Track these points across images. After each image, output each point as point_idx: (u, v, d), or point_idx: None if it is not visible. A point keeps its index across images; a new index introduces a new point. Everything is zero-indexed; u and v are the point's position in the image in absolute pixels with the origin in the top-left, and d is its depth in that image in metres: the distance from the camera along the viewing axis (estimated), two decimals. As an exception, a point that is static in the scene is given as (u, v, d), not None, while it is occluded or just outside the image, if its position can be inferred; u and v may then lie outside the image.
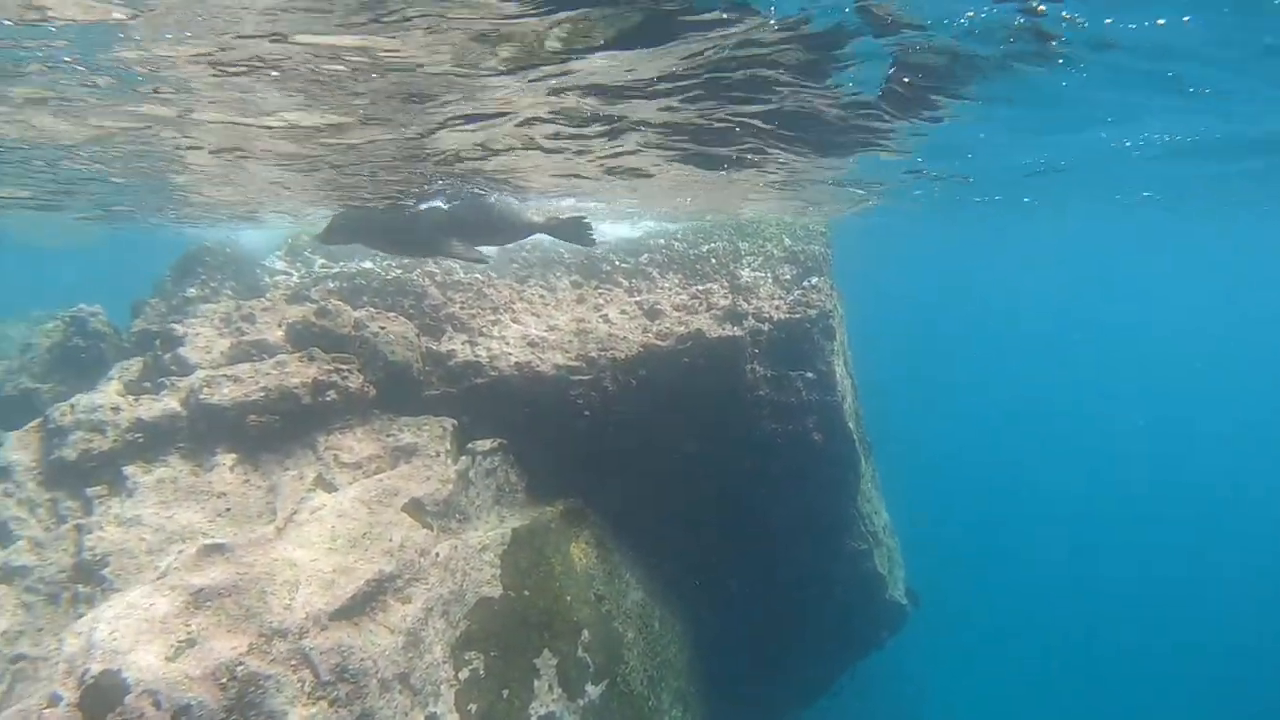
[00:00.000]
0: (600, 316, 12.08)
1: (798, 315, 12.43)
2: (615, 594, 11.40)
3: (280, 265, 13.21)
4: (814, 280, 13.26)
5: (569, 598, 10.55)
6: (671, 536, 12.24)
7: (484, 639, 9.36)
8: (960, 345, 74.77)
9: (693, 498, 12.18)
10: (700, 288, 12.83)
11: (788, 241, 14.38)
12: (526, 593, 10.06)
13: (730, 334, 11.73)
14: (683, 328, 11.63)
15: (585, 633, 10.52)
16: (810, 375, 12.54)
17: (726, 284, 13.07)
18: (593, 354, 11.25)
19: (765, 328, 12.12)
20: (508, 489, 11.01)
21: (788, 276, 13.67)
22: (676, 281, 13.51)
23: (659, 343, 11.49)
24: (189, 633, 7.21)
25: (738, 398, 12.14)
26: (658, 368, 11.50)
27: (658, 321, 12.00)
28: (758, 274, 13.41)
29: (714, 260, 13.80)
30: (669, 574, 12.39)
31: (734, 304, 12.20)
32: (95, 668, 6.73)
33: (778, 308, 12.46)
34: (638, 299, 12.75)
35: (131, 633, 7.06)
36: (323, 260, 13.35)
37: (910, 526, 17.81)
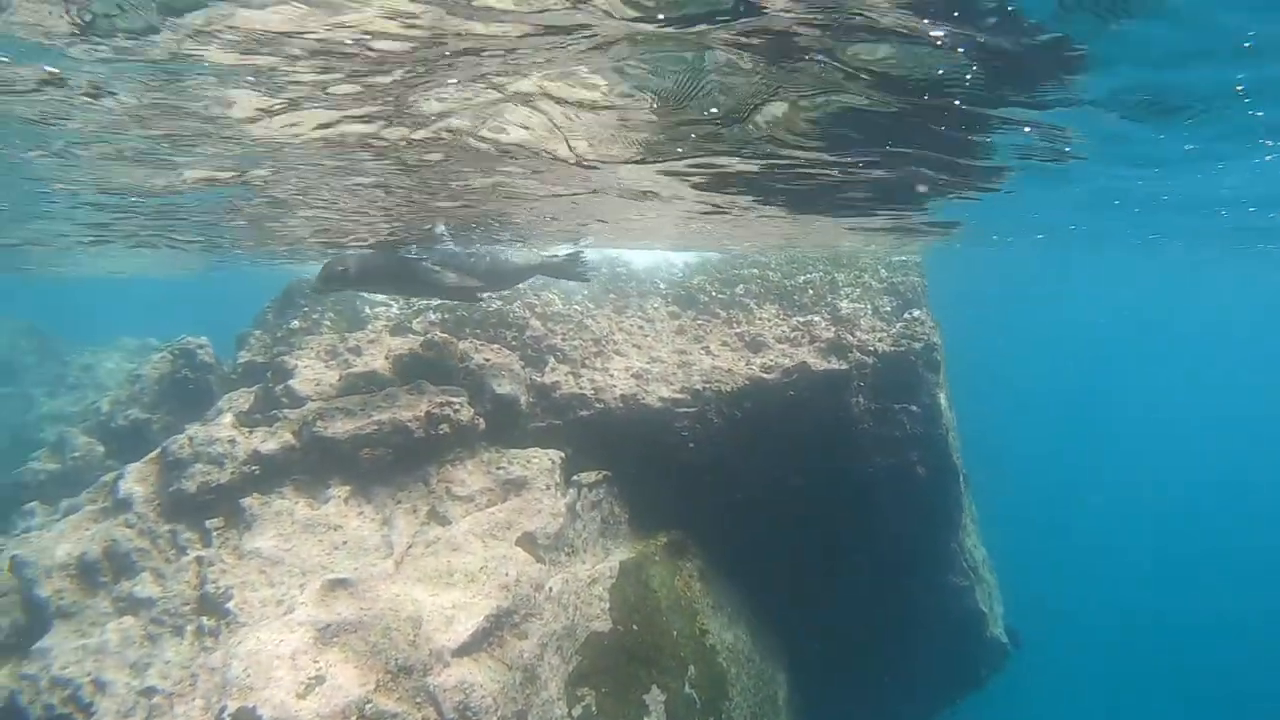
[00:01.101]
0: (702, 348, 11.95)
1: (902, 348, 12.15)
2: (718, 628, 11.18)
3: (380, 296, 13.35)
4: (916, 312, 12.98)
5: (675, 632, 10.36)
6: (772, 570, 12.01)
7: (595, 674, 9.21)
8: (1047, 369, 72.78)
9: (794, 531, 11.94)
10: (801, 319, 12.63)
11: (884, 273, 14.14)
12: (634, 627, 9.90)
13: (836, 367, 11.50)
14: (787, 360, 11.43)
15: (692, 669, 10.31)
16: (914, 408, 12.25)
17: (828, 316, 12.85)
18: (697, 386, 11.10)
19: (870, 360, 11.87)
20: (612, 521, 10.90)
21: (888, 308, 13.41)
22: (774, 313, 13.32)
23: (764, 375, 11.30)
24: (318, 669, 7.19)
25: (841, 431, 11.90)
26: (762, 400, 11.32)
27: (761, 354, 11.82)
28: (857, 305, 13.17)
29: (811, 291, 13.59)
30: (769, 609, 12.14)
31: (838, 336, 11.97)
32: (232, 705, 6.75)
33: (881, 340, 12.19)
34: (738, 330, 12.59)
35: (264, 670, 7.07)
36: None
37: (1003, 561, 17.25)
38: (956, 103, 6.77)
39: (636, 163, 8.52)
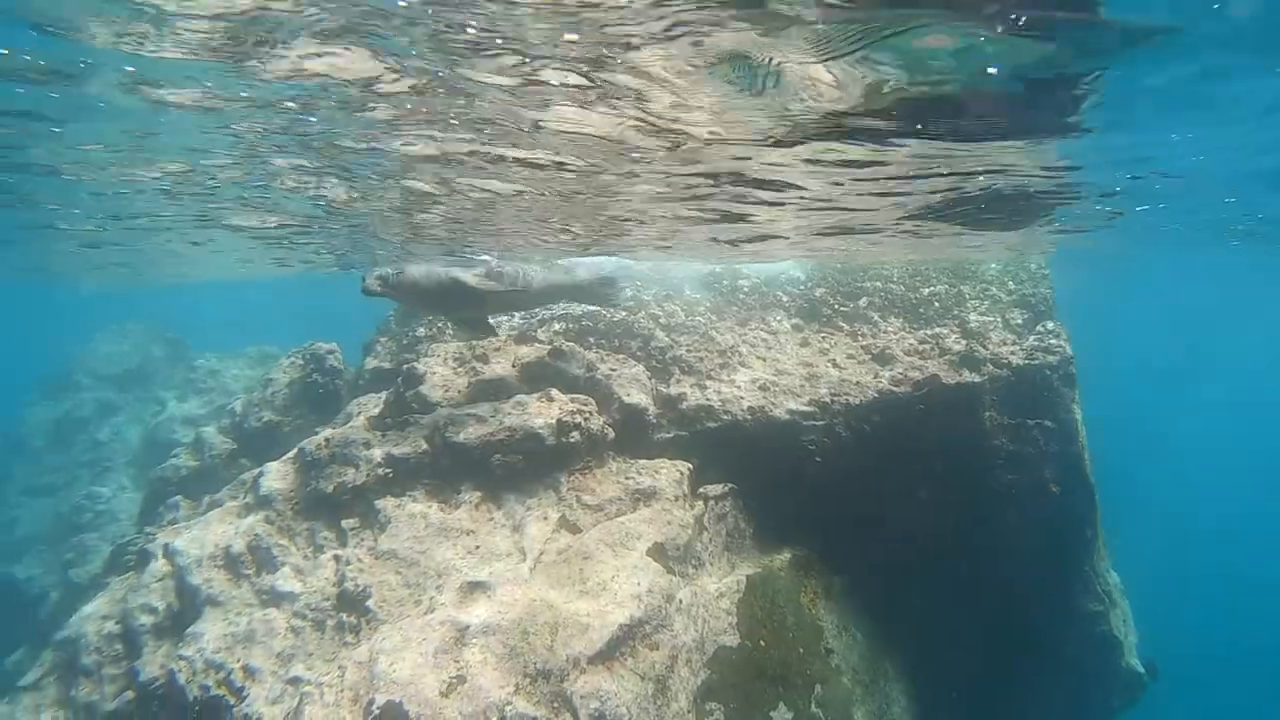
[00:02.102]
0: (828, 361, 11.76)
1: (1036, 361, 11.75)
2: (844, 647, 10.92)
3: (502, 304, 13.55)
4: (1049, 325, 12.52)
5: (802, 649, 10.16)
6: (897, 588, 11.68)
7: (723, 689, 9.08)
8: (1177, 382, 69.20)
9: (920, 549, 11.61)
10: (929, 332, 12.34)
11: (1012, 285, 13.70)
12: (762, 642, 9.74)
13: (968, 380, 11.18)
14: (917, 373, 11.16)
15: (818, 688, 10.08)
16: (1049, 424, 11.82)
17: (957, 328, 12.51)
18: (825, 399, 10.92)
19: (1003, 374, 11.52)
20: (737, 535, 10.79)
21: (1019, 321, 12.98)
22: (899, 325, 13.05)
23: (893, 388, 11.06)
24: (459, 669, 7.27)
25: (973, 446, 11.55)
26: (891, 414, 11.07)
27: (889, 367, 11.57)
28: (986, 318, 12.80)
29: (937, 304, 13.26)
30: (893, 629, 11.79)
31: (969, 349, 11.64)
32: (380, 699, 6.87)
33: (1014, 353, 11.81)
34: (863, 343, 12.36)
35: (409, 666, 7.19)
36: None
37: (1135, 587, 16.36)
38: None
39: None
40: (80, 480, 22.95)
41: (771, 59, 5.40)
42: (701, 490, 10.36)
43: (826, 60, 5.30)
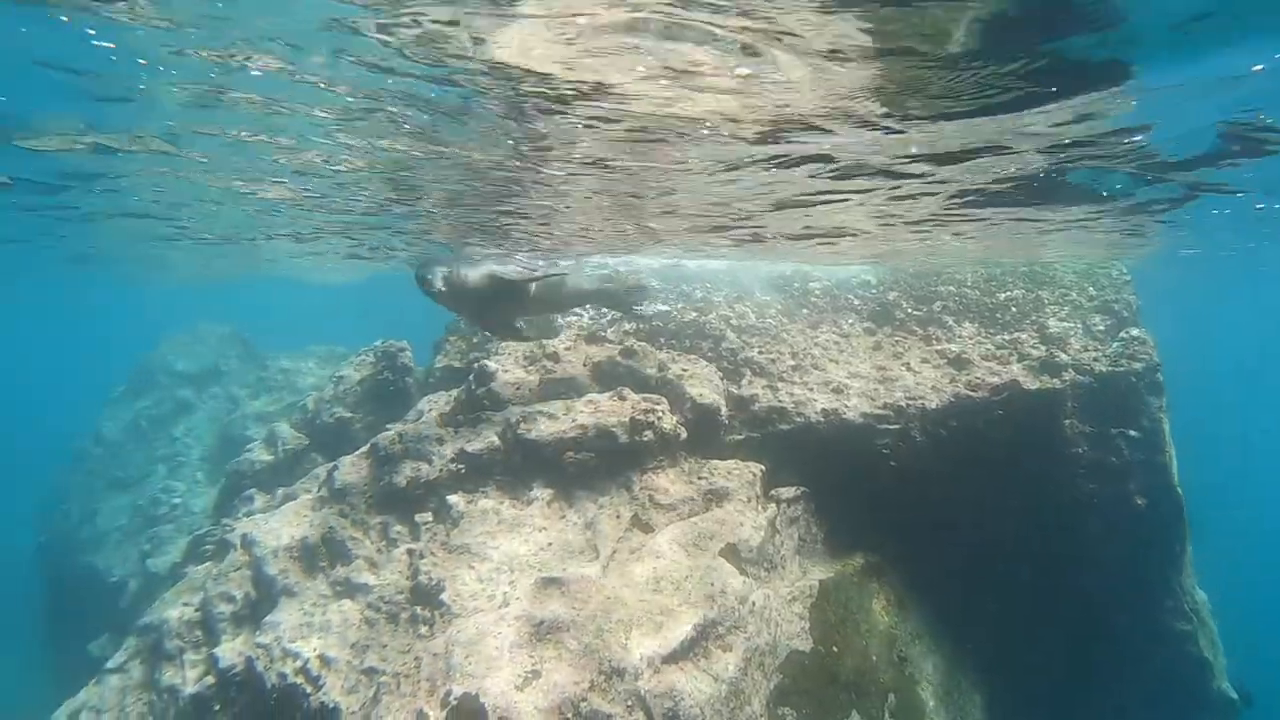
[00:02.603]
0: (902, 364, 11.54)
1: (1121, 368, 11.39)
2: (916, 657, 10.68)
3: (572, 304, 13.58)
4: (1135, 331, 12.12)
5: (874, 657, 9.96)
6: (972, 598, 11.39)
7: (796, 694, 8.93)
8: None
9: (996, 557, 11.32)
10: (1007, 337, 12.04)
11: (1092, 290, 13.32)
12: (834, 648, 9.57)
13: (1049, 386, 10.89)
14: (995, 378, 10.89)
15: (891, 697, 9.87)
16: (1134, 433, 11.45)
17: (1035, 334, 12.19)
18: (900, 403, 10.72)
19: (1085, 381, 11.20)
20: (808, 539, 10.63)
21: (1100, 327, 12.60)
22: (974, 330, 12.76)
23: (970, 393, 10.80)
24: (533, 664, 7.26)
25: (1053, 455, 11.24)
26: (968, 419, 10.82)
27: (966, 371, 11.30)
28: (1067, 324, 12.46)
29: (1014, 309, 12.94)
30: (967, 640, 11.51)
31: (1049, 355, 11.34)
32: (456, 690, 6.89)
33: (1097, 360, 11.47)
34: (938, 347, 12.11)
35: (485, 659, 7.21)
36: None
37: (1224, 607, 15.66)
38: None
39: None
40: (157, 475, 23.58)
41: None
42: (773, 493, 10.23)
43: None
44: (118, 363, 28.55)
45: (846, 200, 9.80)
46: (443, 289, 9.76)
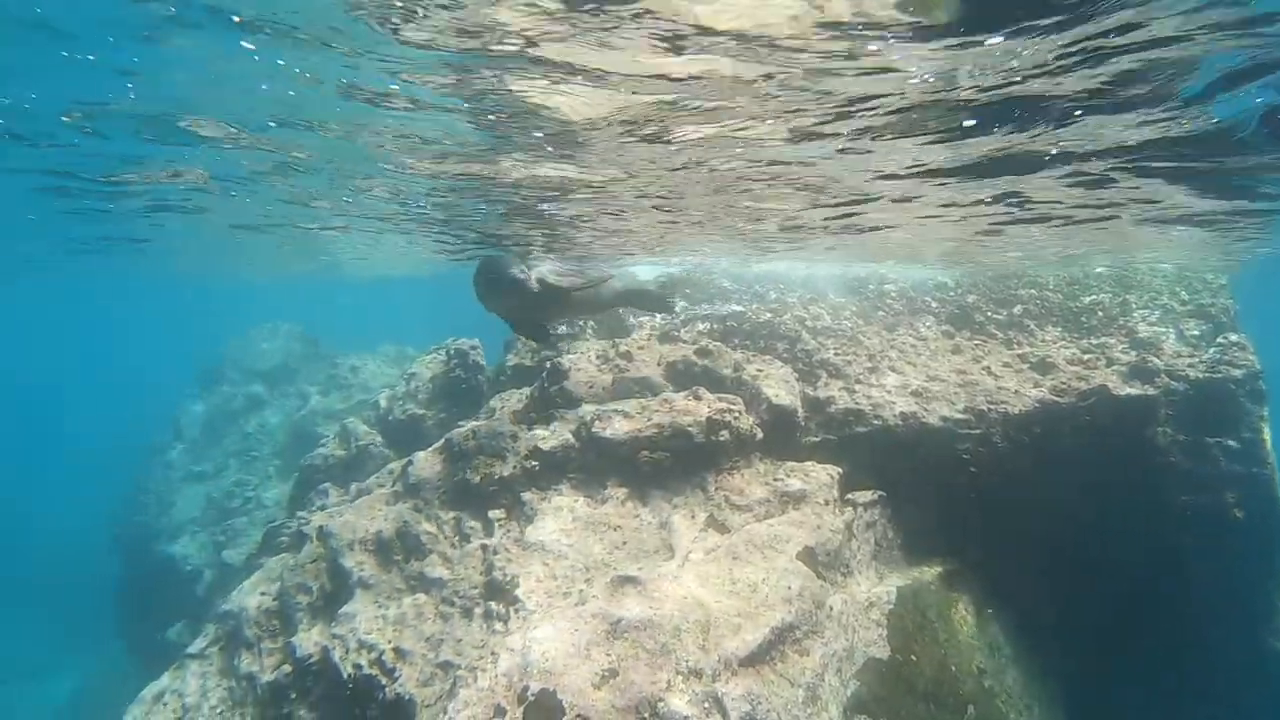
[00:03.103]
0: (982, 368, 11.24)
1: (1219, 375, 10.93)
2: (996, 669, 10.36)
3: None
4: (1233, 336, 11.63)
5: (954, 668, 9.68)
6: (1054, 613, 11.01)
7: (873, 703, 8.71)
8: None
9: (1081, 571, 10.93)
10: (1094, 342, 11.66)
11: (1185, 295, 12.84)
12: (913, 657, 9.33)
13: (1140, 393, 10.49)
14: (1082, 383, 10.54)
15: (970, 708, 9.57)
16: (1232, 443, 10.99)
17: (1124, 339, 11.78)
18: (981, 407, 10.43)
19: (1179, 388, 10.77)
20: (885, 544, 10.40)
21: (1195, 332, 12.13)
22: (1057, 334, 12.39)
23: (1055, 399, 10.46)
24: (610, 662, 7.18)
25: (1144, 463, 10.82)
26: (1053, 425, 10.48)
27: (1050, 376, 10.97)
28: (1158, 329, 12.01)
29: (1100, 313, 12.53)
30: (1049, 654, 11.12)
31: (1141, 360, 10.93)
32: (534, 686, 6.84)
33: (1192, 366, 11.02)
34: (1019, 351, 11.77)
35: (562, 656, 7.15)
36: (683, 301, 13.54)
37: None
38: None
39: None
40: (230, 468, 24.20)
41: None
42: (850, 496, 10.04)
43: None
44: (195, 359, 29.40)
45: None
46: (536, 288, 9.75)
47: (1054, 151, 7.83)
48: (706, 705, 7.10)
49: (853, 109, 6.92)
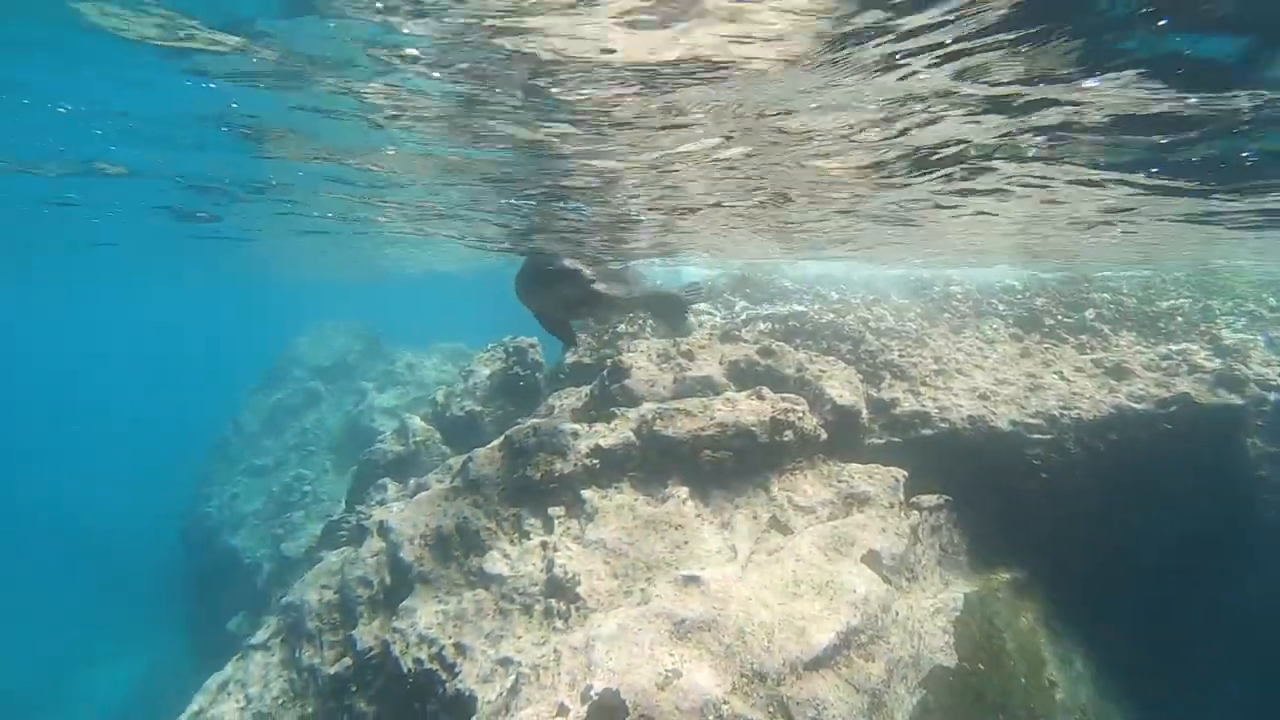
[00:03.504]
0: (1054, 373, 10.90)
1: (1316, 387, 10.45)
2: (1068, 682, 10.04)
3: (703, 305, 13.42)
4: (1333, 347, 11.16)
5: (1023, 679, 9.40)
6: (1131, 625, 10.62)
7: (940, 712, 8.48)
8: None
9: (1160, 583, 10.52)
10: (1173, 348, 11.26)
11: (1273, 301, 12.35)
12: (981, 666, 9.07)
13: (1227, 401, 10.07)
14: (1162, 390, 10.16)
15: (1041, 723, 9.31)
16: (1330, 460, 10.46)
17: (1208, 345, 11.35)
18: (1054, 412, 10.12)
19: (1271, 397, 10.29)
20: (950, 550, 10.14)
21: (1286, 340, 11.66)
22: (1133, 339, 11.98)
23: (1133, 405, 10.11)
24: (674, 663, 7.08)
25: (1229, 475, 10.43)
26: (1130, 432, 10.14)
27: (1126, 382, 10.61)
28: (1245, 336, 11.58)
29: (1180, 319, 12.11)
30: (1126, 669, 10.72)
31: (1227, 368, 10.50)
32: (598, 686, 6.76)
33: (1285, 376, 10.56)
34: (1093, 356, 11.40)
35: (625, 656, 7.06)
36: (743, 302, 13.41)
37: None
38: None
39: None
40: (289, 463, 24.58)
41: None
42: (914, 500, 9.81)
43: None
44: (258, 356, 30.00)
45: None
46: (599, 287, 9.66)
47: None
48: (771, 710, 6.97)
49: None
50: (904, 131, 7.41)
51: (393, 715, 8.90)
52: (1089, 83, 5.76)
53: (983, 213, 10.20)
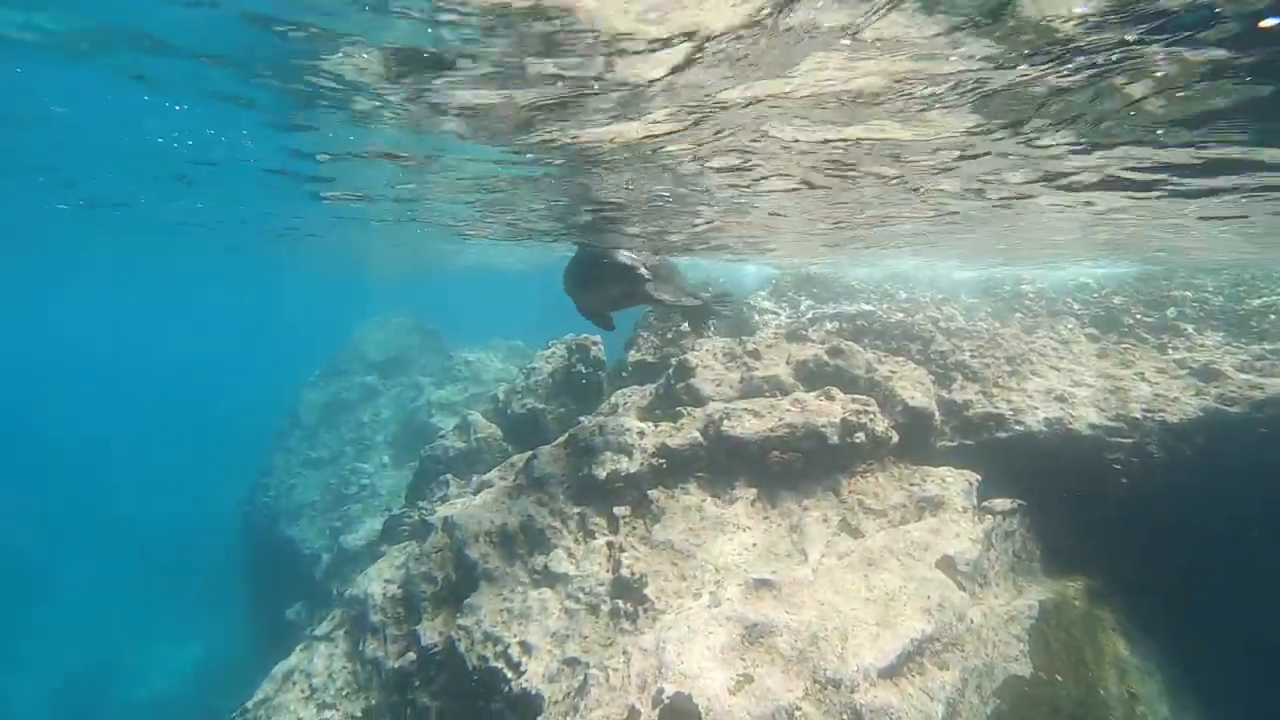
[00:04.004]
0: (1134, 374, 10.53)
1: None
2: (1150, 698, 9.67)
3: (768, 304, 13.23)
4: None
5: (1101, 691, 9.07)
6: (1219, 639, 10.19)
7: (1015, 725, 8.25)
8: None
9: (1250, 598, 10.06)
10: (1268, 347, 10.78)
11: (1381, 299, 11.79)
12: (1058, 677, 8.79)
13: (1326, 406, 9.61)
14: (1257, 392, 9.74)
15: (1121, 739, 8.98)
16: None
17: (1306, 345, 10.89)
18: (1136, 415, 9.77)
19: (1379, 401, 9.80)
20: (1024, 556, 9.86)
21: (1392, 340, 11.12)
22: (1221, 339, 11.52)
23: (1224, 408, 9.71)
24: (745, 667, 6.97)
25: (1332, 485, 9.88)
26: (1219, 436, 9.72)
27: (1216, 383, 10.19)
28: (1348, 335, 11.05)
29: (1274, 316, 11.60)
30: (1209, 686, 10.31)
31: (1326, 370, 10.05)
32: (669, 688, 6.67)
33: (1390, 378, 10.06)
34: (1176, 357, 11.00)
35: (696, 659, 6.96)
36: (809, 300, 13.20)
37: None
38: None
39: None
40: (346, 456, 24.84)
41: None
42: (986, 504, 9.54)
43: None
44: (317, 349, 30.43)
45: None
46: (645, 275, 9.48)
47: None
48: (845, 717, 6.81)
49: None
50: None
51: (456, 711, 8.91)
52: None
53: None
